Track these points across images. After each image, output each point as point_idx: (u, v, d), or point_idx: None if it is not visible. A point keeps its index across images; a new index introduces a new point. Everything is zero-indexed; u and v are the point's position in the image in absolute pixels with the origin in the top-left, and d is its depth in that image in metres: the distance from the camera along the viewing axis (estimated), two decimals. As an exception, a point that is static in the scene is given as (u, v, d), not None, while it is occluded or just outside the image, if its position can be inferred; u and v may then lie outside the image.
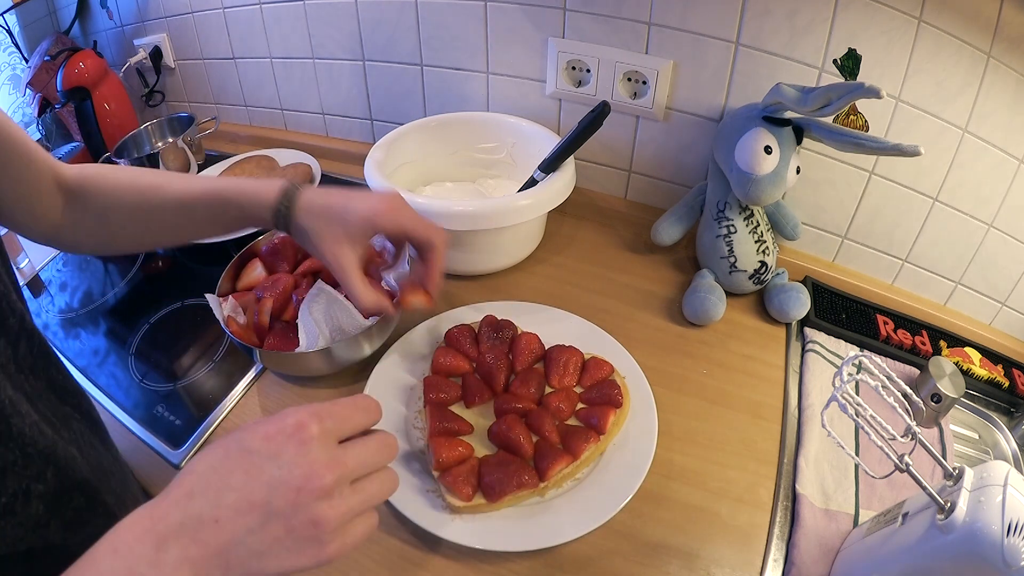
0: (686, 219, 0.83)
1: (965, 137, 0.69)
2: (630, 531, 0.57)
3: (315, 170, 1.01)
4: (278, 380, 0.71)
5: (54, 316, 0.85)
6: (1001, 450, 0.71)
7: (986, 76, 0.65)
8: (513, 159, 0.93)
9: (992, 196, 0.72)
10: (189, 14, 1.10)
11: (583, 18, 0.81)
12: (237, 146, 1.18)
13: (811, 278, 0.83)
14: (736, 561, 0.55)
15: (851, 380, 0.47)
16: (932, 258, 0.79)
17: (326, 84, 1.07)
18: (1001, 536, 0.39)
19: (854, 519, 0.58)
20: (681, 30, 0.77)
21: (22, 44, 1.21)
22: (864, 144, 0.63)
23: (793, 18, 0.70)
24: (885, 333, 0.76)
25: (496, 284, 0.83)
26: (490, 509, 0.55)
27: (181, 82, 1.22)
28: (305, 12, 0.99)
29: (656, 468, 0.59)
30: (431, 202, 0.74)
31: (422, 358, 0.70)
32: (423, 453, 0.60)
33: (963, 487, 0.43)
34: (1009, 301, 0.79)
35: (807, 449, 0.63)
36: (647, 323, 0.77)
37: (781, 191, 0.72)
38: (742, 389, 0.69)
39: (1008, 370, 0.75)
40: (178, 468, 0.62)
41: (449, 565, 0.54)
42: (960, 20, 0.64)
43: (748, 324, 0.77)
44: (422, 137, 0.90)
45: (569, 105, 0.90)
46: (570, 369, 0.65)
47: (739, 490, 0.60)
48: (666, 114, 0.84)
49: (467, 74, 0.94)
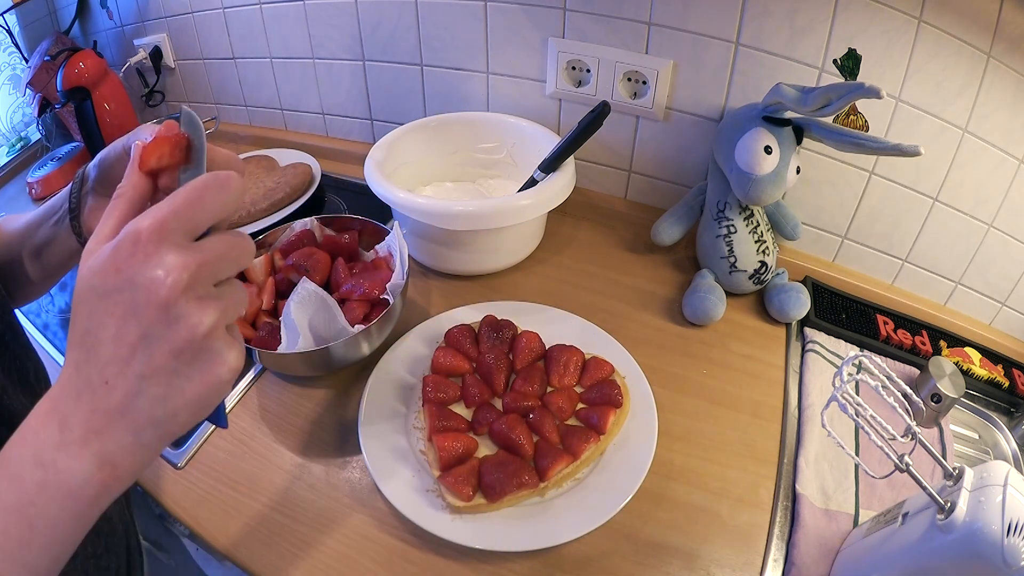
0: (686, 219, 0.83)
1: (965, 137, 0.69)
2: (630, 531, 0.57)
3: (315, 170, 1.01)
4: (278, 380, 0.71)
5: (54, 316, 0.84)
6: (1001, 450, 0.71)
7: (986, 76, 0.65)
8: (513, 159, 0.93)
9: (992, 196, 0.72)
10: (189, 14, 1.10)
11: (583, 18, 0.81)
12: (237, 146, 1.18)
13: (811, 278, 0.83)
14: (736, 561, 0.55)
15: (851, 380, 0.47)
16: (932, 258, 0.79)
17: (326, 84, 1.07)
18: (1001, 536, 0.39)
19: (854, 519, 0.58)
20: (681, 30, 0.77)
21: (22, 44, 1.21)
22: (864, 144, 0.63)
23: (793, 18, 0.70)
24: (885, 333, 0.76)
25: (496, 284, 0.83)
26: (490, 509, 0.55)
27: (181, 82, 1.22)
28: (305, 12, 0.99)
29: (656, 468, 0.59)
30: (431, 202, 0.75)
31: (422, 358, 0.70)
32: (423, 453, 0.60)
33: (963, 487, 0.43)
34: (1009, 301, 0.79)
35: (807, 449, 0.63)
36: (647, 323, 0.77)
37: (781, 191, 0.72)
38: (742, 389, 0.69)
39: (1008, 370, 0.75)
40: (179, 469, 0.62)
41: (449, 565, 0.54)
42: (960, 20, 0.64)
43: (748, 324, 0.77)
44: (422, 137, 0.90)
45: (569, 105, 0.90)
46: (571, 369, 0.65)
47: (739, 490, 0.60)
48: (666, 114, 0.84)
49: (467, 74, 0.94)
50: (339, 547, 0.56)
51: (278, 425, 0.66)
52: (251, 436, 0.65)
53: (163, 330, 0.28)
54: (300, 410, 0.68)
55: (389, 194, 0.76)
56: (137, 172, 0.32)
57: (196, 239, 0.30)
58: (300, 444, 0.64)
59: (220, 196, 0.30)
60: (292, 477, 0.61)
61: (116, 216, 0.30)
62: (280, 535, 0.57)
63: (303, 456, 0.63)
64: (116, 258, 0.28)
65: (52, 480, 0.27)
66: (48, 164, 1.15)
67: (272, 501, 0.59)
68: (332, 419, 0.67)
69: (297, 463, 0.63)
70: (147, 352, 0.28)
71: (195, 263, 0.28)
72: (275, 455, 0.63)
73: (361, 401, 0.64)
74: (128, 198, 0.31)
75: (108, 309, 0.28)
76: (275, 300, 0.70)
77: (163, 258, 0.27)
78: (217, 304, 0.29)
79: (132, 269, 0.27)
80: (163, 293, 0.27)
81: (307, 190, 0.97)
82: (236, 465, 0.62)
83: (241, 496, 0.60)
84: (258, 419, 0.67)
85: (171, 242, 0.28)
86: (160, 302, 0.27)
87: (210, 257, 0.29)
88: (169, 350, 0.28)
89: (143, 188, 0.32)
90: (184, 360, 0.28)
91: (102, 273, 0.28)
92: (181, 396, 0.28)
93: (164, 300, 0.27)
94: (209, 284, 0.29)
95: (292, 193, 0.95)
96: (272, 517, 0.58)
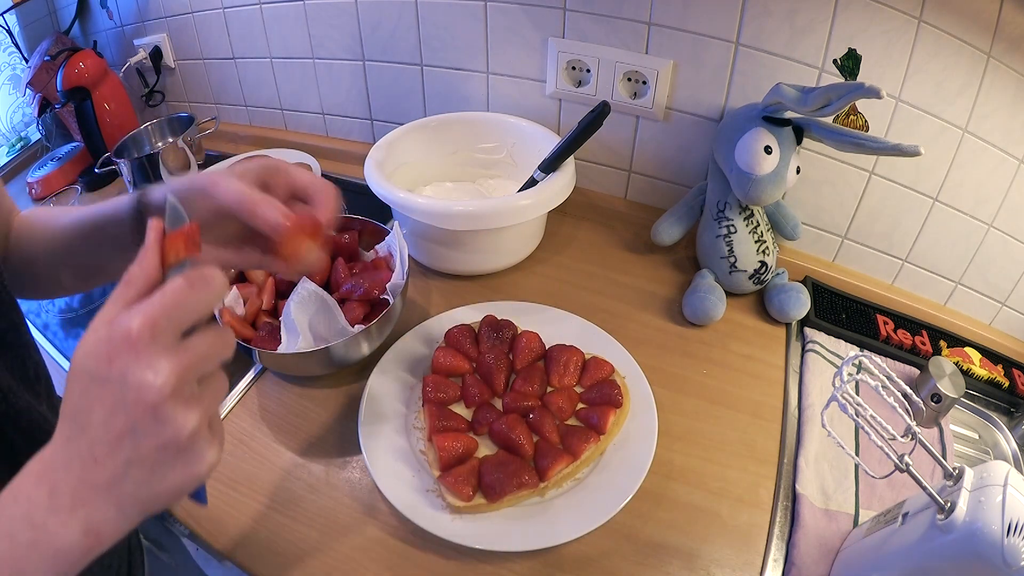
0: (686, 219, 0.83)
1: (965, 137, 0.69)
2: (630, 531, 0.57)
3: (315, 170, 1.01)
4: (278, 380, 0.71)
5: (54, 316, 0.85)
6: (1001, 450, 0.71)
7: (986, 76, 0.65)
8: (513, 159, 0.93)
9: (992, 196, 0.72)
10: (189, 14, 1.10)
11: (583, 18, 0.81)
12: (237, 146, 1.18)
13: (811, 278, 0.83)
14: (736, 561, 0.55)
15: (851, 380, 0.47)
16: (932, 258, 0.79)
17: (326, 84, 1.07)
18: (1001, 536, 0.39)
19: (854, 519, 0.58)
20: (681, 30, 0.77)
21: (22, 44, 1.21)
22: (864, 144, 0.63)
23: (793, 18, 0.70)
24: (885, 333, 0.76)
25: (496, 284, 0.83)
26: (490, 509, 0.55)
27: (181, 82, 1.22)
28: (305, 12, 0.99)
29: (656, 468, 0.59)
30: (431, 202, 0.75)
31: (422, 358, 0.70)
32: (423, 453, 0.60)
33: (963, 487, 0.43)
34: (1009, 301, 0.79)
35: (807, 449, 0.63)
36: (647, 323, 0.77)
37: (781, 191, 0.72)
38: (742, 389, 0.69)
39: (1008, 370, 0.75)
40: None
41: (449, 565, 0.54)
42: (960, 20, 0.64)
43: (748, 324, 0.77)
44: (422, 137, 0.90)
45: (569, 105, 0.90)
46: (571, 369, 0.65)
47: (739, 490, 0.60)
48: (666, 114, 0.84)
49: (467, 74, 0.94)
50: (339, 547, 0.56)
51: (278, 425, 0.66)
52: (251, 436, 0.65)
53: (150, 427, 0.30)
54: (300, 410, 0.68)
55: (389, 194, 0.76)
56: (154, 264, 0.33)
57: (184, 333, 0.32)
58: (300, 444, 0.64)
59: (206, 295, 0.32)
60: (292, 477, 0.61)
61: (123, 302, 0.32)
62: (280, 535, 0.57)
63: (303, 456, 0.63)
64: (109, 350, 0.30)
65: (42, 540, 0.29)
66: (48, 164, 1.15)
67: (272, 501, 0.59)
68: (332, 419, 0.67)
69: (297, 463, 0.63)
70: (134, 442, 0.30)
71: (182, 366, 0.30)
72: (275, 455, 0.63)
73: (361, 401, 0.64)
74: (137, 288, 0.32)
75: (99, 395, 0.30)
76: (275, 300, 0.70)
77: (153, 360, 0.29)
78: (200, 405, 0.31)
79: (123, 365, 0.29)
80: (152, 397, 0.29)
81: (307, 190, 0.97)
82: (236, 465, 0.62)
83: (241, 496, 0.60)
84: (258, 419, 0.67)
85: (161, 344, 0.30)
86: (148, 404, 0.29)
87: (195, 358, 0.31)
88: (155, 445, 0.30)
89: (155, 279, 0.33)
90: (168, 454, 0.30)
91: (95, 359, 0.30)
92: (163, 483, 0.31)
93: (152, 403, 0.29)
94: (194, 383, 0.32)
95: (292, 193, 0.95)
96: (272, 517, 0.58)
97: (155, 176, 1.01)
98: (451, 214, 0.73)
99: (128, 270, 0.33)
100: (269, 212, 0.41)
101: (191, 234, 0.35)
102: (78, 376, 0.31)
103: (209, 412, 0.32)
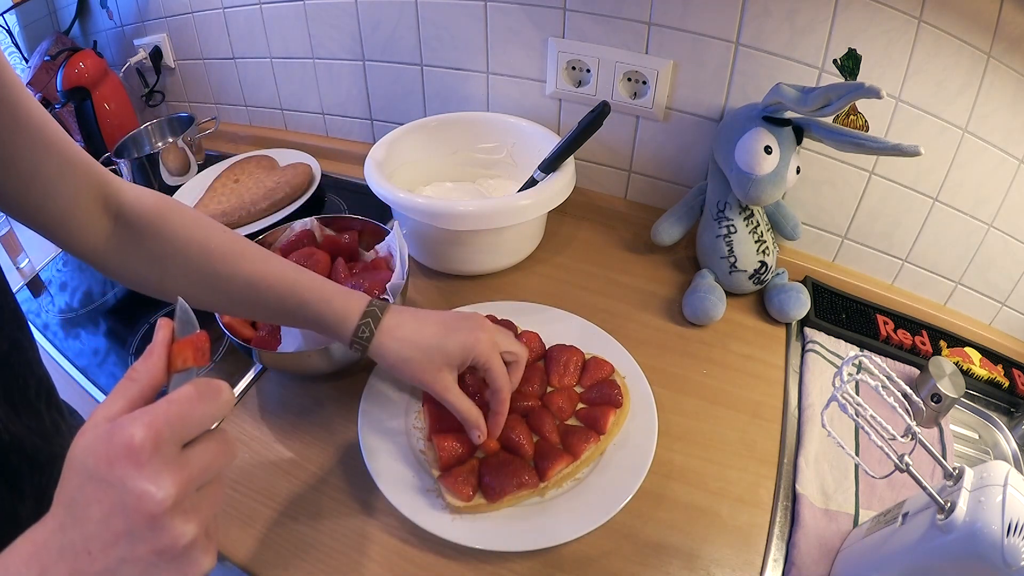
0: (686, 219, 0.83)
1: (965, 137, 0.69)
2: (630, 531, 0.57)
3: (315, 170, 1.01)
4: (278, 380, 0.71)
5: (54, 316, 0.85)
6: (1001, 450, 0.71)
7: (986, 76, 0.65)
8: (513, 159, 0.93)
9: (992, 196, 0.72)
10: (189, 14, 1.10)
11: (583, 18, 0.81)
12: (237, 146, 1.18)
13: (811, 278, 0.83)
14: (736, 561, 0.55)
15: (851, 380, 0.47)
16: (932, 258, 0.79)
17: (326, 84, 1.07)
18: (1001, 536, 0.39)
19: (854, 519, 0.58)
20: (681, 30, 0.77)
21: (22, 44, 1.21)
22: (864, 144, 0.63)
23: (793, 18, 0.70)
24: (885, 333, 0.76)
25: (496, 284, 0.83)
26: (490, 509, 0.55)
27: (181, 82, 1.22)
28: (305, 12, 0.99)
29: (656, 468, 0.59)
30: (431, 202, 0.75)
31: (422, 358, 0.70)
32: (423, 453, 0.60)
33: (963, 487, 0.43)
34: (1009, 301, 0.79)
35: (807, 449, 0.63)
36: (647, 323, 0.77)
37: (781, 191, 0.72)
38: (742, 389, 0.69)
39: (1008, 370, 0.75)
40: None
41: (449, 565, 0.54)
42: (960, 20, 0.64)
43: (748, 324, 0.77)
44: (422, 137, 0.90)
45: (569, 105, 0.90)
46: (571, 369, 0.65)
47: (739, 490, 0.60)
48: (666, 114, 0.84)
49: (467, 74, 0.94)
50: (339, 547, 0.56)
51: (278, 425, 0.66)
52: (251, 436, 0.65)
53: (147, 534, 0.30)
54: (300, 410, 0.68)
55: (389, 194, 0.76)
56: (160, 366, 0.33)
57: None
58: (300, 444, 0.64)
59: (213, 408, 0.32)
60: (292, 477, 0.61)
61: (126, 401, 0.32)
62: (280, 535, 0.57)
63: (303, 456, 0.63)
64: (110, 453, 0.29)
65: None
66: (48, 164, 1.15)
67: (272, 501, 0.59)
68: (332, 419, 0.67)
69: (297, 463, 0.63)
70: (130, 545, 0.30)
71: (183, 480, 0.30)
72: (275, 455, 0.63)
73: (361, 401, 0.64)
74: (141, 387, 0.32)
75: (97, 495, 0.30)
76: None
77: (155, 473, 0.29)
78: (198, 515, 0.31)
79: (124, 471, 0.29)
80: (151, 508, 0.29)
81: (307, 190, 0.97)
82: (236, 465, 0.62)
83: (240, 496, 0.60)
84: (258, 419, 0.67)
85: (163, 456, 0.30)
86: (148, 514, 0.29)
87: (197, 471, 0.31)
88: (151, 549, 0.30)
89: (160, 382, 0.33)
90: (164, 559, 0.30)
91: (95, 458, 0.30)
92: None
93: (152, 513, 0.29)
94: (194, 494, 0.31)
95: (292, 193, 0.95)
96: (272, 517, 0.58)
97: (155, 176, 1.02)
98: (451, 214, 0.73)
99: (133, 365, 0.34)
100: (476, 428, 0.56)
101: (200, 343, 0.35)
102: (76, 470, 0.30)
103: (206, 520, 0.32)
